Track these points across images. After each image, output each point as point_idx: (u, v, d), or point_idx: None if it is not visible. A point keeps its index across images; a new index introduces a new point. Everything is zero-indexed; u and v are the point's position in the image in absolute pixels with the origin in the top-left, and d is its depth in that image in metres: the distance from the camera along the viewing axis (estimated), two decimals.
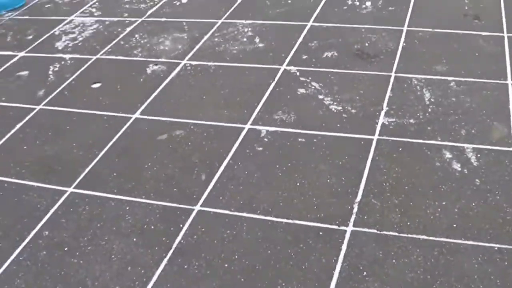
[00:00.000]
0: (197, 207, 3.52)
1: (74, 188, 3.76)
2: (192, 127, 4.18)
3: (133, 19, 5.86)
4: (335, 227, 3.33)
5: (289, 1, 5.97)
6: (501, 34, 5.09)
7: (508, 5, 5.48)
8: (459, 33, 5.15)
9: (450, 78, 4.53)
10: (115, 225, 3.47)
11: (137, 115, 4.37)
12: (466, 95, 4.34)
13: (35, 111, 4.54)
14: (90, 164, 3.93)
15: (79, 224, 3.48)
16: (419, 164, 3.73)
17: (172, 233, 3.37)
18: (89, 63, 5.16)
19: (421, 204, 3.46)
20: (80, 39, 5.62)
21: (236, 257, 3.19)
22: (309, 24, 5.48)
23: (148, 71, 4.90)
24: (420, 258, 3.15)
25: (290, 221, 3.39)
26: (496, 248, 3.18)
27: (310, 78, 4.62)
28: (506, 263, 3.09)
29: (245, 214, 3.45)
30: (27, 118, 4.46)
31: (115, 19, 5.93)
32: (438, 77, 4.55)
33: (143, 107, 4.44)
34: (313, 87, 4.50)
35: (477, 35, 5.11)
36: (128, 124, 4.25)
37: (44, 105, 4.61)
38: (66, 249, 3.33)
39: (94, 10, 6.23)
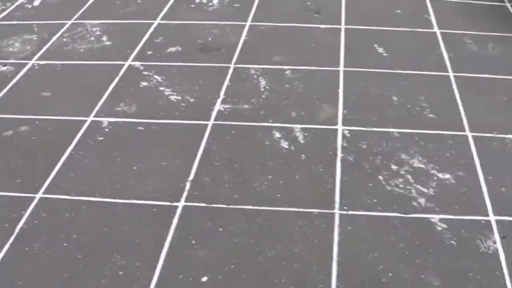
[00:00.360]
0: (39, 195, 3.72)
1: None
2: (37, 122, 4.37)
3: None
4: (168, 203, 3.58)
5: (139, 1, 6.19)
6: (338, 27, 5.48)
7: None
8: (299, 26, 5.51)
9: (285, 67, 4.89)
10: None
11: None
12: (300, 81, 4.70)
13: None
14: None
15: None
16: (250, 144, 4.05)
17: (15, 220, 3.54)
18: None
19: (249, 179, 3.77)
20: None
21: (75, 236, 3.40)
22: (156, 22, 5.72)
23: None
24: (246, 225, 3.45)
25: (126, 201, 3.64)
26: (316, 213, 3.50)
27: (153, 71, 4.88)
28: (324, 225, 3.44)
29: (84, 198, 3.66)
30: None
31: None
32: (275, 67, 4.90)
33: None
34: (155, 80, 4.76)
35: (316, 27, 5.48)
36: None
37: None
38: None
39: None
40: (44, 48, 5.41)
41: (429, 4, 6.01)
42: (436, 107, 4.42)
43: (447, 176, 3.77)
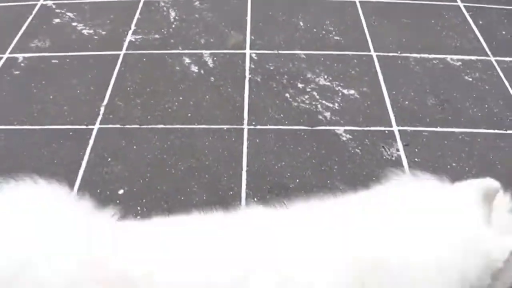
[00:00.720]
0: None
1: None
2: None
3: None
4: (84, 127, 3.72)
5: None
6: None
7: None
8: None
9: None
10: None
11: None
12: (209, 11, 4.85)
13: None
14: None
15: None
16: (161, 70, 4.20)
17: None
18: None
19: (161, 101, 3.93)
20: None
21: None
22: None
23: None
24: (158, 142, 3.62)
25: (44, 127, 3.75)
26: (225, 128, 3.68)
27: (65, 9, 4.96)
28: (233, 139, 3.63)
29: (2, 127, 3.77)
30: None
31: None
32: None
33: None
34: (67, 17, 4.85)
35: None
36: None
37: None
38: None
39: None
40: None
41: None
42: (342, 30, 4.62)
43: (352, 91, 3.99)
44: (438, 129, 3.66)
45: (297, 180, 3.38)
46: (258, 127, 3.69)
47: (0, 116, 3.86)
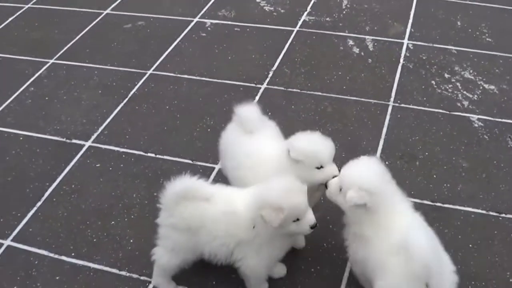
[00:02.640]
0: (149, 71, 4.62)
1: (55, 59, 4.89)
2: (151, 19, 5.28)
3: None
4: (253, 85, 4.43)
5: None
6: None
7: None
8: None
9: None
10: (85, 83, 4.60)
11: (108, 10, 5.48)
12: (377, 3, 5.43)
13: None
14: (69, 43, 5.06)
15: (58, 81, 4.64)
16: (326, 48, 4.82)
17: (129, 87, 4.46)
18: None
19: (322, 73, 4.54)
20: None
21: (175, 102, 4.27)
22: None
23: None
24: (314, 105, 4.22)
25: (219, 80, 4.48)
26: (373, 102, 4.27)
27: None
28: (378, 111, 4.18)
29: (185, 76, 4.54)
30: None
31: None
32: None
33: (114, 4, 5.63)
34: None
35: None
36: (100, 17, 5.40)
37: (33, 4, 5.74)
38: (47, 98, 4.48)
39: None
40: None
41: None
42: (495, 33, 5.06)
43: (492, 87, 4.43)
44: None
45: (426, 153, 3.86)
46: (402, 105, 4.21)
47: (186, 67, 4.62)
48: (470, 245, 3.24)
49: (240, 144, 3.05)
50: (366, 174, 2.76)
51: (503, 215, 3.39)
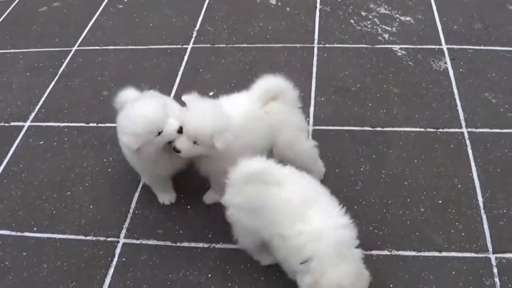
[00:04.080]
0: (74, 48, 4.64)
1: None
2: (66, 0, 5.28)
3: None
4: (179, 46, 4.51)
5: None
6: None
7: None
8: None
9: None
10: (12, 68, 4.58)
11: None
12: None
13: None
14: None
15: None
16: (244, 2, 4.93)
17: (57, 66, 4.47)
18: None
19: (244, 26, 4.64)
20: None
21: (106, 72, 4.30)
22: None
23: None
24: (242, 57, 4.32)
25: (145, 46, 4.54)
26: (298, 47, 4.40)
27: None
28: (305, 54, 4.33)
29: (111, 47, 4.58)
30: None
31: None
32: None
33: None
34: None
35: None
36: (14, 3, 5.37)
37: None
38: None
39: None
40: None
41: None
42: None
43: (408, 18, 4.61)
44: (482, 47, 4.25)
45: (358, 85, 4.02)
46: (327, 45, 4.36)
47: (109, 39, 4.66)
48: (416, 160, 3.42)
49: None
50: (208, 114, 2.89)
51: (440, 129, 3.59)
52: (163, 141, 2.87)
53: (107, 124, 3.85)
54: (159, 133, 2.83)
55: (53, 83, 4.27)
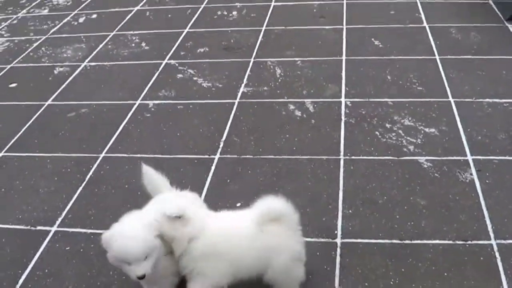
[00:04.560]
0: (102, 155, 4.68)
1: (4, 152, 4.91)
2: (94, 106, 5.38)
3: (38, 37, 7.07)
4: (206, 156, 4.56)
5: (169, 16, 7.27)
6: (340, 26, 6.51)
7: (349, 5, 6.95)
8: (307, 28, 6.54)
9: (297, 59, 5.87)
10: (40, 172, 4.61)
11: (49, 101, 5.57)
12: (309, 69, 5.67)
13: None
14: (16, 136, 5.09)
15: (11, 173, 4.66)
16: (269, 114, 5.00)
17: (84, 172, 4.52)
18: (4, 70, 6.32)
19: (270, 138, 4.69)
20: None
21: (133, 180, 4.34)
22: (186, 30, 6.78)
23: (55, 72, 6.12)
24: (269, 169, 4.36)
25: (172, 156, 4.58)
26: (325, 159, 4.44)
27: (186, 67, 5.89)
28: (331, 166, 4.36)
29: (138, 155, 4.63)
30: None
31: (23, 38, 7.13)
32: (288, 59, 5.88)
33: (54, 95, 5.71)
34: (189, 73, 5.78)
35: (321, 28, 6.51)
36: (42, 108, 5.46)
37: None
38: (3, 190, 4.51)
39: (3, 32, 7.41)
40: (93, 53, 6.42)
41: None
42: (424, 82, 5.44)
43: (432, 130, 4.68)
44: (508, 157, 4.28)
45: (385, 197, 4.02)
46: (353, 157, 4.39)
47: (137, 147, 4.71)
48: (445, 274, 3.40)
49: None
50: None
51: (469, 242, 3.58)
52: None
53: None
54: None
55: (80, 188, 4.27)
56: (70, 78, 5.86)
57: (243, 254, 3.05)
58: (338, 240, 3.65)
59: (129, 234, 2.91)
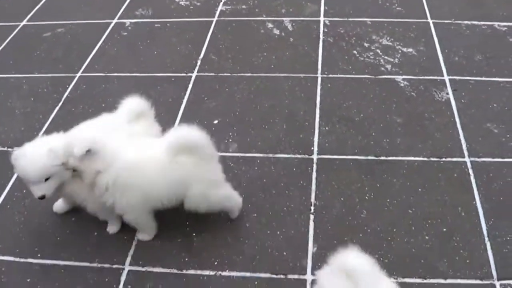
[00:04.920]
0: (78, 74, 4.65)
1: None
2: (70, 26, 5.31)
3: None
4: (184, 74, 4.53)
5: None
6: None
7: None
8: None
9: None
10: (16, 93, 4.58)
11: (24, 22, 5.49)
12: None
13: None
14: None
15: None
16: (248, 33, 4.96)
17: (61, 92, 4.49)
18: None
19: (248, 56, 4.67)
20: None
21: (110, 99, 4.29)
22: None
23: None
24: (246, 86, 4.35)
25: (149, 74, 4.55)
26: (302, 76, 4.44)
27: None
28: (308, 84, 4.35)
29: (115, 74, 4.60)
30: None
31: None
32: None
33: (29, 15, 5.65)
34: None
35: None
36: (17, 29, 5.41)
37: None
38: None
39: None
40: None
41: None
42: (404, 2, 5.44)
43: (410, 50, 4.68)
44: (483, 78, 4.29)
45: (361, 115, 4.05)
46: (330, 75, 4.39)
47: (114, 66, 4.68)
48: (419, 189, 3.43)
49: None
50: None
51: (443, 159, 3.62)
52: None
53: None
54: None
55: (57, 108, 4.26)
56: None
57: (154, 186, 3.03)
58: (315, 156, 3.66)
59: (30, 157, 2.97)
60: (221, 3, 5.32)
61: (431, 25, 4.94)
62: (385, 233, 3.21)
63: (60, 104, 4.32)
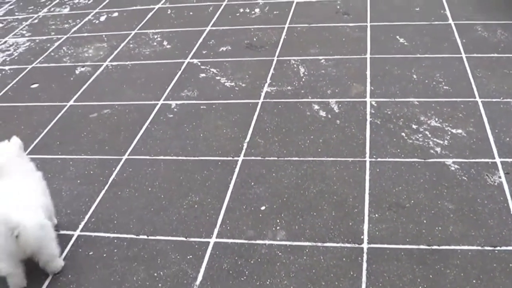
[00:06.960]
0: (125, 157, 4.63)
1: (27, 154, 4.76)
2: (116, 107, 5.34)
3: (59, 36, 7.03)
4: (230, 158, 4.50)
5: (191, 13, 7.21)
6: (364, 24, 6.42)
7: (372, 2, 6.87)
8: (331, 25, 6.47)
9: (320, 57, 5.80)
10: (62, 175, 4.57)
11: (71, 102, 5.52)
12: (333, 67, 5.60)
13: None
14: (38, 138, 5.05)
15: None
16: (294, 115, 4.93)
17: (107, 174, 4.47)
18: (26, 71, 6.29)
19: (295, 139, 4.63)
20: (16, 54, 6.75)
21: (156, 183, 4.30)
22: (208, 28, 6.72)
23: (77, 72, 6.08)
24: (293, 171, 4.30)
25: (196, 158, 4.53)
26: (350, 161, 4.37)
27: (209, 66, 5.84)
28: (357, 168, 4.29)
29: (161, 157, 4.58)
30: None
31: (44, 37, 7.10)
32: (311, 57, 5.81)
33: (76, 95, 5.66)
34: (211, 72, 5.72)
35: (345, 26, 6.43)
36: (64, 109, 5.42)
37: None
38: None
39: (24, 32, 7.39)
40: (115, 53, 6.38)
41: None
42: (450, 81, 5.35)
43: (459, 131, 4.60)
44: None
45: (412, 201, 3.95)
46: (379, 159, 4.32)
47: (160, 149, 4.66)
48: (474, 281, 3.34)
49: None
50: None
51: (498, 248, 3.50)
52: None
53: (158, 237, 3.85)
54: None
55: (103, 192, 4.25)
56: (92, 78, 5.82)
57: None
58: (365, 246, 3.58)
59: None
60: (266, 84, 5.29)
61: (480, 104, 4.85)
62: None
63: (106, 187, 4.33)
